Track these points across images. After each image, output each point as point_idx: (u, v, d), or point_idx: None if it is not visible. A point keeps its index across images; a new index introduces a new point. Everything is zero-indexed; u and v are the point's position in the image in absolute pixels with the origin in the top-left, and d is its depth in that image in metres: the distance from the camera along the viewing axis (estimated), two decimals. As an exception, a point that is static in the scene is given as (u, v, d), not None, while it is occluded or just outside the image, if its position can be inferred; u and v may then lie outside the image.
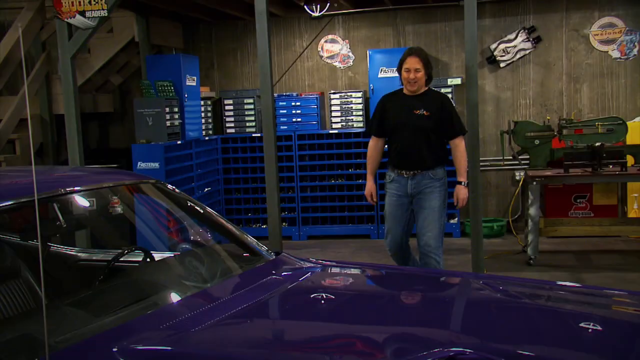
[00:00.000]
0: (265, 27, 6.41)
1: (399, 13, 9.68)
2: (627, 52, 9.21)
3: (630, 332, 2.71)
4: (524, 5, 9.37)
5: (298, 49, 10.00)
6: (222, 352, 2.42)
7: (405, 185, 5.51)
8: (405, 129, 5.51)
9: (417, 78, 5.45)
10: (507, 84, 9.52)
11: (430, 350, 2.24)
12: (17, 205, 2.84)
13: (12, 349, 2.28)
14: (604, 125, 7.67)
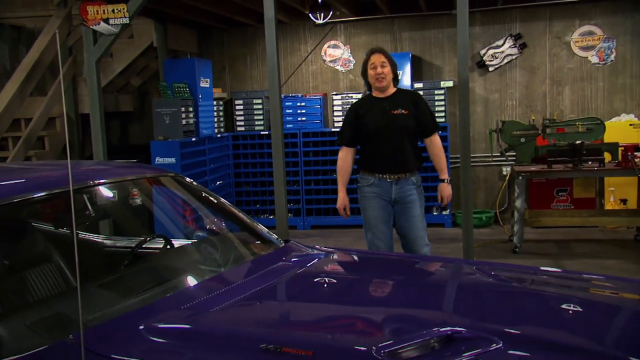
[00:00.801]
0: (274, 33, 6.42)
1: (396, 21, 9.68)
2: (605, 58, 9.22)
3: (606, 312, 2.72)
4: (511, 14, 9.37)
5: (303, 53, 10.00)
6: (237, 330, 2.43)
7: (389, 190, 4.90)
8: (386, 132, 4.89)
9: (385, 73, 4.84)
10: (495, 87, 9.52)
11: (428, 330, 2.26)
12: (50, 196, 2.86)
13: (48, 326, 2.31)
14: (584, 125, 7.68)
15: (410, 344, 2.16)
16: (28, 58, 8.14)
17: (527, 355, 2.17)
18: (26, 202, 2.81)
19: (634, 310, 2.80)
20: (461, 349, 2.14)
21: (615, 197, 8.65)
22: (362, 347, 2.19)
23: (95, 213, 3.43)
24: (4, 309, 2.47)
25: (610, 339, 2.43)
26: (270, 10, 6.40)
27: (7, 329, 2.25)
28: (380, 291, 2.98)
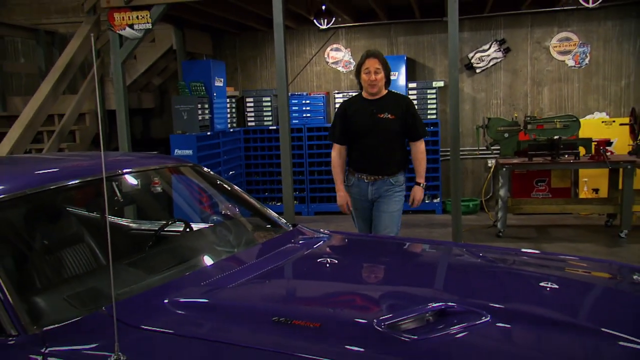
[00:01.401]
0: (282, 37, 6.43)
1: (393, 26, 9.67)
2: (580, 62, 9.22)
3: (580, 289, 2.76)
4: (496, 22, 9.35)
5: (308, 55, 9.99)
6: (251, 304, 2.45)
7: (365, 190, 4.67)
8: (370, 133, 4.62)
9: (377, 80, 4.56)
10: (482, 87, 9.52)
11: (423, 305, 2.28)
12: (82, 184, 2.87)
13: (82, 299, 2.33)
14: (561, 122, 7.67)
15: (408, 317, 2.17)
16: (61, 60, 8.15)
17: (511, 326, 2.19)
18: (61, 189, 2.82)
19: (604, 287, 2.83)
20: (453, 322, 2.16)
21: (589, 187, 8.66)
22: (364, 319, 2.20)
23: (122, 199, 3.45)
24: (44, 284, 2.50)
25: (583, 313, 2.45)
26: (278, 16, 6.41)
27: (48, 301, 2.28)
28: (379, 270, 3.00)
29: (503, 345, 2.15)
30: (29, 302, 2.21)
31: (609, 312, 2.46)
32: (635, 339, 2.09)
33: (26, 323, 2.10)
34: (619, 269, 3.05)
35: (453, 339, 2.08)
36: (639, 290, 2.70)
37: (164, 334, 2.13)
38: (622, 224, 7.48)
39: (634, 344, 2.07)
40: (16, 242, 2.62)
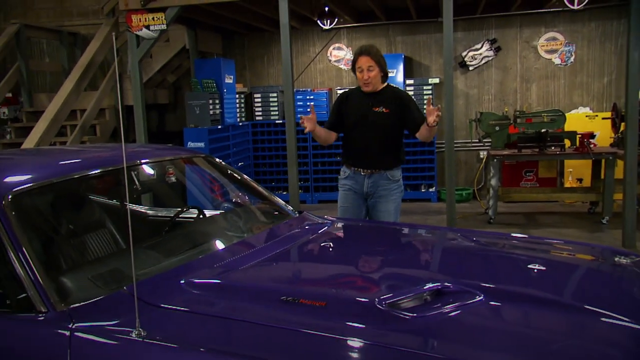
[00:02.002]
0: (288, 37, 6.41)
1: (391, 27, 9.65)
2: (566, 60, 9.21)
3: (564, 270, 2.77)
4: (488, 22, 9.32)
5: (312, 54, 9.97)
6: (261, 284, 2.46)
7: (361, 183, 4.29)
8: (364, 126, 4.28)
9: (371, 77, 4.21)
10: (474, 83, 9.50)
11: (421, 285, 2.28)
12: (103, 173, 2.88)
13: (105, 279, 2.34)
14: (548, 116, 7.67)
15: (407, 296, 2.18)
16: (82, 59, 8.18)
17: (502, 304, 2.20)
18: (83, 178, 2.83)
19: (587, 268, 2.84)
20: (449, 301, 2.17)
21: (573, 176, 8.66)
22: (366, 299, 2.21)
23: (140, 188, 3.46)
24: (70, 265, 2.51)
25: (568, 291, 2.46)
26: (284, 18, 6.40)
27: (74, 281, 2.29)
28: (379, 253, 3.00)
29: (495, 321, 2.17)
30: (57, 282, 2.22)
31: (591, 291, 2.48)
32: (615, 315, 2.11)
33: (55, 301, 2.11)
34: (601, 251, 3.06)
35: (449, 316, 2.10)
36: (619, 271, 2.70)
37: (180, 312, 2.14)
38: (603, 211, 7.51)
39: (614, 320, 2.09)
40: (44, 227, 2.63)
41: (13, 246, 2.19)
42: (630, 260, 2.76)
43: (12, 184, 2.43)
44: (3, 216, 2.26)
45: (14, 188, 2.40)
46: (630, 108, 5.94)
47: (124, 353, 1.95)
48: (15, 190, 2.40)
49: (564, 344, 1.99)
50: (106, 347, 1.98)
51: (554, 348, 1.95)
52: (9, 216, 2.26)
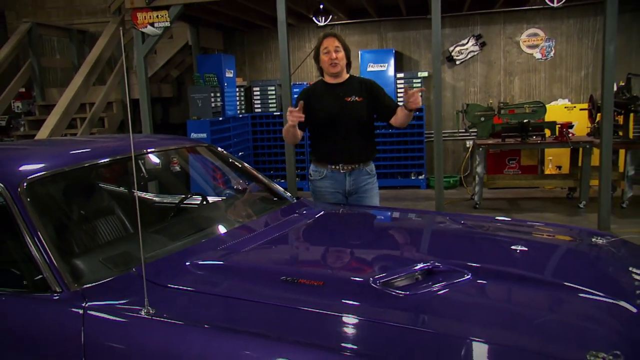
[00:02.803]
0: (285, 33, 6.39)
1: (382, 23, 9.62)
2: (546, 54, 9.23)
3: (545, 250, 2.78)
4: (473, 19, 9.31)
5: (307, 49, 9.92)
6: (262, 266, 2.47)
7: (342, 181, 3.80)
8: (339, 120, 3.75)
9: (339, 58, 3.73)
10: (461, 77, 9.50)
11: (413, 265, 2.29)
12: (111, 162, 2.87)
13: (115, 261, 2.34)
14: (530, 107, 7.68)
15: (399, 276, 2.19)
16: (91, 55, 8.14)
17: (487, 282, 2.21)
18: (93, 167, 2.83)
19: (566, 248, 2.85)
20: (439, 279, 2.18)
21: (553, 164, 8.68)
22: (361, 278, 2.21)
23: (147, 175, 3.45)
24: (83, 248, 2.50)
25: (548, 270, 2.48)
26: (281, 15, 6.38)
27: (86, 263, 2.29)
28: (373, 236, 3.01)
29: (481, 298, 2.18)
30: (70, 264, 2.22)
31: (570, 269, 2.49)
32: (592, 291, 2.13)
33: (68, 282, 2.12)
34: (578, 233, 3.07)
35: (439, 294, 2.10)
36: (595, 250, 2.72)
37: (186, 291, 2.14)
38: (581, 196, 7.54)
39: (591, 295, 2.11)
40: (57, 213, 2.62)
41: (29, 230, 2.20)
42: (606, 240, 2.78)
43: (27, 172, 2.42)
44: (19, 202, 2.26)
45: (29, 176, 2.40)
46: (606, 100, 5.96)
47: (134, 330, 1.95)
48: (30, 178, 2.39)
49: (545, 318, 2.00)
50: (117, 325, 1.99)
51: (536, 322, 1.97)
52: (25, 202, 2.26)
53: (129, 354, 1.90)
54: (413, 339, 1.81)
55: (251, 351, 1.79)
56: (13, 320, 2.13)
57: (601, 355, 1.68)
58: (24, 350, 2.06)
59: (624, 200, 7.30)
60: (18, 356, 2.05)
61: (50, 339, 2.04)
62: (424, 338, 1.82)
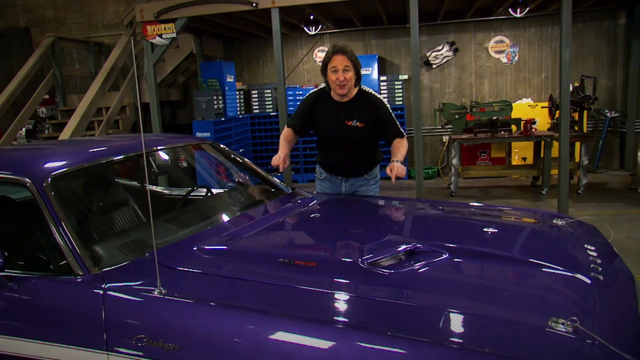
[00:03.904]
0: (279, 42, 6.36)
1: (366, 32, 9.59)
2: (512, 59, 9.26)
3: (512, 231, 2.81)
4: (447, 28, 9.30)
5: (300, 56, 9.91)
6: (262, 249, 2.46)
7: (339, 185, 3.58)
8: (337, 141, 3.41)
9: (347, 79, 3.18)
10: (437, 79, 9.49)
11: (396, 246, 2.30)
12: (126, 159, 2.86)
13: (130, 247, 2.33)
14: (498, 106, 7.71)
15: (385, 256, 2.20)
16: (106, 65, 8.11)
17: (463, 260, 2.23)
18: (109, 163, 2.82)
19: (531, 229, 2.87)
20: (420, 259, 2.19)
21: (519, 156, 8.71)
22: (350, 259, 2.21)
23: (159, 170, 3.44)
24: (101, 236, 2.50)
25: (515, 248, 2.50)
26: (276, 25, 6.34)
27: (104, 249, 2.28)
28: (360, 221, 3.00)
29: (458, 274, 2.19)
30: (91, 250, 2.21)
31: (534, 247, 2.52)
32: (553, 265, 2.15)
33: (89, 266, 2.12)
34: (541, 215, 3.08)
35: (420, 272, 2.11)
36: (555, 230, 2.74)
37: (193, 273, 2.14)
38: (543, 184, 7.60)
39: (552, 269, 2.14)
40: (78, 205, 2.61)
41: (54, 221, 2.20)
42: (565, 222, 2.83)
43: (51, 169, 2.42)
44: (45, 196, 2.25)
45: (53, 172, 2.39)
46: (563, 98, 6.01)
47: (148, 308, 1.95)
48: (54, 174, 2.39)
49: (514, 290, 2.02)
50: (133, 303, 1.98)
51: (505, 294, 1.98)
52: (50, 196, 2.26)
53: (144, 329, 1.90)
54: (397, 311, 1.82)
55: (253, 325, 1.79)
56: (43, 300, 2.13)
57: (561, 321, 1.70)
58: (53, 325, 2.06)
59: (580, 187, 7.37)
60: (48, 331, 2.06)
61: (75, 316, 2.04)
62: (407, 310, 1.83)
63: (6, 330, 2.12)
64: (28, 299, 2.13)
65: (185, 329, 1.85)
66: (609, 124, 8.79)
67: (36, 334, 2.07)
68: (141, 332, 1.90)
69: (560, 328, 1.68)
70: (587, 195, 7.25)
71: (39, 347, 2.05)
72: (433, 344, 1.61)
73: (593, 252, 2.40)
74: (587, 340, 1.64)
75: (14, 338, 2.10)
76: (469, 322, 1.76)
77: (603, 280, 2.12)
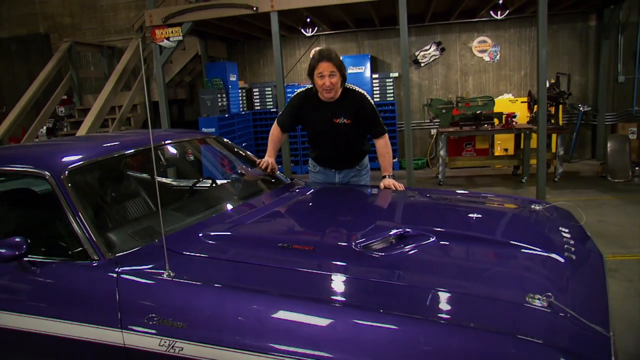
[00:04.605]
0: (278, 43, 6.34)
1: (359, 33, 9.56)
2: (494, 58, 9.25)
3: (495, 215, 2.81)
4: (434, 29, 9.28)
5: (297, 56, 9.87)
6: (262, 235, 2.46)
7: (332, 177, 3.58)
8: (327, 138, 3.40)
9: (333, 84, 3.16)
10: (425, 76, 9.47)
11: (387, 231, 2.30)
12: (136, 152, 2.85)
13: (141, 234, 2.33)
14: (482, 101, 7.71)
15: (376, 240, 2.20)
16: (118, 67, 8.11)
17: (449, 243, 2.23)
18: (122, 156, 2.81)
19: (511, 214, 2.87)
20: (409, 242, 2.19)
21: (501, 147, 8.72)
22: (344, 243, 2.22)
23: (166, 163, 3.43)
24: (115, 224, 2.49)
25: (498, 232, 2.49)
26: (275, 27, 6.33)
27: (117, 236, 2.28)
28: (354, 208, 2.99)
29: (444, 256, 2.19)
30: (105, 237, 2.21)
31: (514, 230, 2.53)
32: (531, 247, 2.17)
33: (104, 251, 2.12)
34: (521, 201, 3.08)
35: (409, 254, 2.11)
36: (533, 215, 2.75)
37: (199, 257, 2.14)
38: (523, 172, 7.63)
39: (530, 250, 2.15)
40: (93, 196, 2.60)
41: (71, 210, 2.20)
42: (542, 207, 2.84)
43: (68, 162, 2.42)
44: (62, 187, 2.26)
45: (70, 165, 2.40)
46: (541, 94, 6.04)
47: (158, 289, 1.95)
48: (71, 167, 2.39)
49: (495, 270, 2.02)
50: (145, 285, 1.99)
51: (488, 273, 1.99)
52: (67, 187, 2.26)
53: (154, 309, 1.91)
54: (389, 290, 1.82)
55: (255, 305, 1.79)
56: (62, 282, 2.14)
57: (537, 296, 1.72)
58: (72, 306, 2.08)
59: (556, 175, 7.40)
60: (67, 311, 2.07)
61: (91, 298, 2.04)
62: (397, 289, 1.83)
63: (30, 310, 2.14)
64: (49, 281, 2.15)
65: (192, 309, 1.85)
66: (582, 117, 8.85)
67: (57, 313, 2.09)
68: (152, 312, 1.90)
69: (537, 303, 1.69)
70: (563, 183, 7.27)
71: (60, 325, 2.07)
72: (422, 320, 1.62)
73: (567, 234, 2.41)
74: (560, 313, 1.65)
75: (38, 317, 2.12)
76: (455, 299, 1.77)
77: (575, 259, 2.14)
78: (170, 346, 1.85)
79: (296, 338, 1.69)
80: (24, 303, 2.16)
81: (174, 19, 6.69)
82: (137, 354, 1.93)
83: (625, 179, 7.21)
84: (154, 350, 1.88)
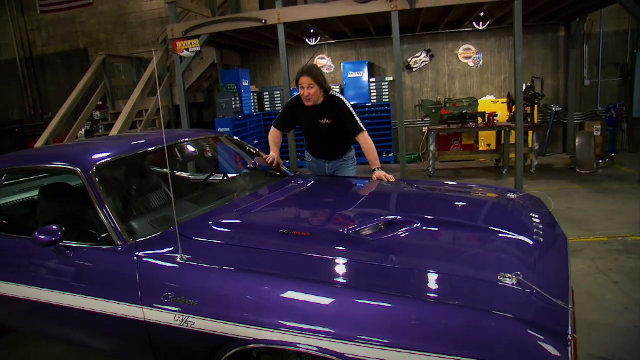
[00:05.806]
0: (285, 52, 6.32)
1: (358, 42, 9.49)
2: (477, 63, 9.17)
3: (477, 204, 2.78)
4: (424, 38, 9.19)
5: (302, 63, 9.81)
6: (266, 222, 2.44)
7: (323, 167, 3.73)
8: (315, 134, 3.63)
9: (311, 94, 3.41)
10: (417, 80, 9.40)
11: (377, 218, 2.28)
12: (157, 149, 2.84)
13: (159, 222, 2.33)
14: (467, 102, 7.67)
15: (367, 226, 2.18)
16: (145, 75, 8.13)
17: (437, 229, 2.21)
18: (144, 153, 2.80)
19: (492, 202, 2.83)
20: (397, 228, 2.18)
21: (485, 142, 8.65)
22: (339, 229, 2.20)
23: (182, 159, 3.42)
24: (136, 213, 2.50)
25: (480, 218, 2.47)
26: (282, 38, 6.30)
27: (139, 224, 2.29)
28: (349, 198, 2.98)
29: (429, 240, 2.17)
30: (128, 225, 2.22)
31: (494, 217, 2.50)
32: (505, 231, 2.16)
33: (126, 237, 2.14)
34: (500, 191, 3.06)
35: (398, 239, 2.10)
36: (511, 203, 2.71)
37: (210, 242, 2.14)
38: (503, 165, 7.56)
39: (506, 235, 2.14)
40: (118, 188, 2.61)
41: (98, 202, 2.22)
42: (517, 196, 2.82)
43: (97, 159, 2.44)
44: (91, 181, 2.27)
45: (98, 162, 2.41)
46: (518, 96, 6.04)
47: (173, 271, 1.95)
48: (99, 163, 2.41)
49: (475, 252, 2.01)
50: (162, 267, 1.99)
51: (468, 255, 1.97)
52: (95, 181, 2.28)
53: (170, 288, 1.91)
54: (379, 272, 1.81)
55: (259, 285, 1.79)
56: (91, 265, 2.16)
57: (508, 275, 1.71)
58: (99, 285, 2.11)
59: (532, 167, 7.37)
60: (96, 289, 2.11)
61: (116, 278, 2.06)
62: (387, 271, 1.82)
63: (65, 287, 2.19)
64: (81, 263, 2.18)
65: (203, 288, 1.85)
66: (554, 116, 8.83)
67: (87, 291, 2.12)
68: (168, 291, 1.91)
69: (507, 281, 1.69)
70: (538, 174, 7.23)
71: (89, 301, 2.11)
72: (410, 298, 1.61)
73: (537, 219, 2.39)
74: (527, 290, 1.65)
75: (71, 294, 2.16)
76: (439, 279, 1.76)
77: (543, 242, 2.12)
78: (183, 320, 1.86)
79: (294, 314, 1.69)
80: (60, 282, 2.21)
81: (193, 32, 6.68)
82: (156, 327, 1.94)
83: (591, 170, 7.22)
84: (170, 324, 1.89)
